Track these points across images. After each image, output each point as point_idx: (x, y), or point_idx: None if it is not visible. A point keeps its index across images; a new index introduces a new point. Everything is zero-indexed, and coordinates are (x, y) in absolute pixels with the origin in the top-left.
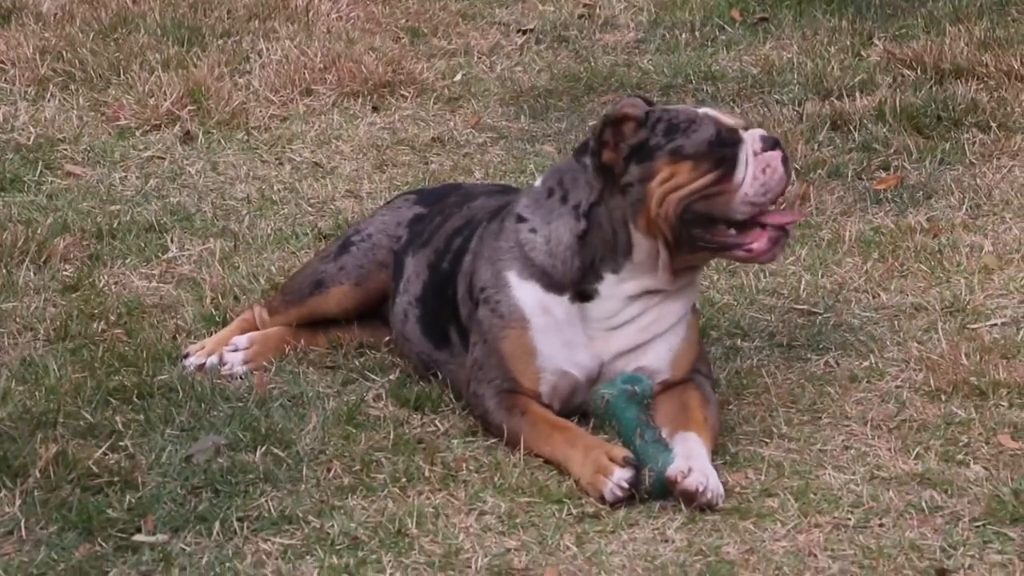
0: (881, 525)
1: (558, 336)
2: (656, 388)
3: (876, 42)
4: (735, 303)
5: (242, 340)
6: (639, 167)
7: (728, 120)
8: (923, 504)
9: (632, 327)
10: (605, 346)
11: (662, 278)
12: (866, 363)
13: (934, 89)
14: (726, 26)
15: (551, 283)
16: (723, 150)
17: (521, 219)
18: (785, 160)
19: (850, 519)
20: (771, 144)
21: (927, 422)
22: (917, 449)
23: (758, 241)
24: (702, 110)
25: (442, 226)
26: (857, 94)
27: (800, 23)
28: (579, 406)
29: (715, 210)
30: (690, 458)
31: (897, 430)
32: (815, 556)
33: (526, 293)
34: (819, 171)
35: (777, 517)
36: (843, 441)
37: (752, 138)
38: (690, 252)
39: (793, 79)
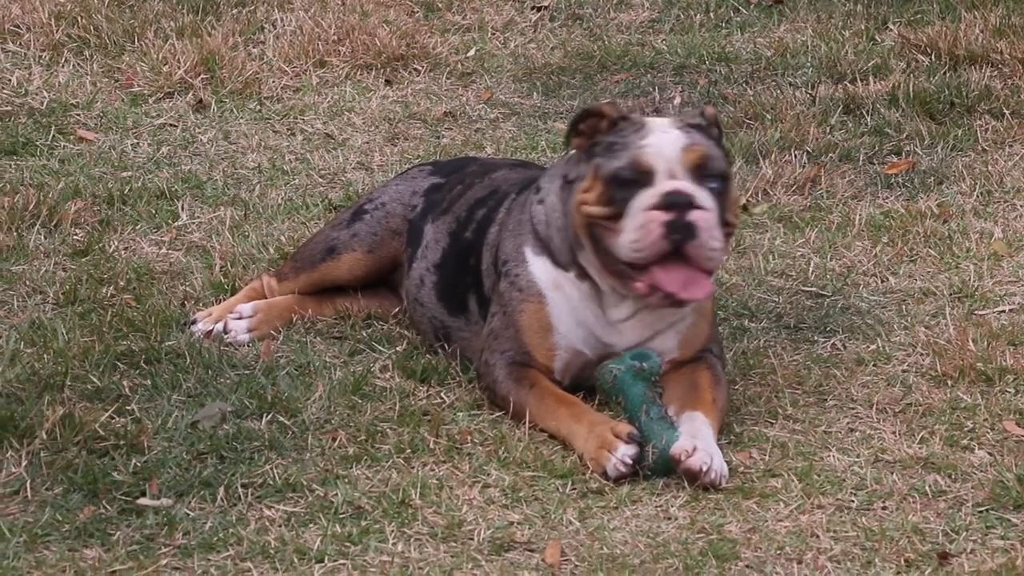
0: (884, 508)
1: (572, 315)
2: (665, 367)
3: (891, 27)
4: (743, 283)
5: (247, 308)
6: (586, 166)
7: (648, 161)
8: (927, 488)
9: (638, 322)
10: (618, 336)
11: (603, 281)
12: (873, 347)
13: (948, 75)
14: (741, 7)
15: (554, 258)
16: (620, 190)
17: (537, 190)
18: (669, 224)
19: (853, 501)
20: (668, 204)
21: (933, 407)
22: (922, 433)
23: (642, 285)
24: (649, 141)
25: (463, 195)
26: (870, 78)
27: (815, 6)
28: (586, 380)
29: (606, 242)
30: (695, 437)
31: (902, 414)
32: (817, 537)
33: (539, 268)
34: (831, 154)
35: (780, 497)
36: (848, 424)
37: (657, 191)
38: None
39: (807, 62)
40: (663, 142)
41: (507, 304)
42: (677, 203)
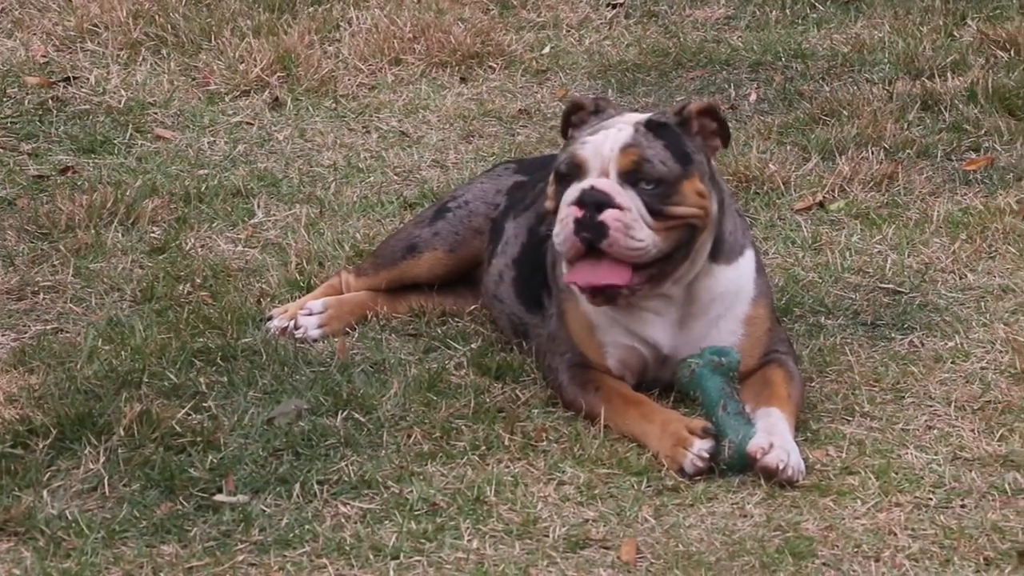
0: (963, 506)
1: (607, 311)
2: None
3: (969, 22)
4: (820, 280)
5: (316, 304)
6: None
7: (583, 156)
8: (1006, 486)
9: (670, 313)
10: (654, 329)
11: None
12: (951, 343)
13: None
14: (817, 4)
15: None
16: (560, 184)
17: None
18: (578, 222)
19: (931, 499)
20: (578, 200)
21: (1012, 404)
22: (1001, 431)
23: (568, 278)
24: (592, 138)
25: (544, 191)
26: (949, 74)
27: (892, 2)
28: (655, 381)
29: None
30: (772, 434)
31: (981, 411)
32: (895, 535)
33: None
34: (908, 151)
35: (857, 495)
36: (926, 421)
37: (578, 187)
38: None
39: (884, 58)
40: (603, 140)
41: (559, 305)
42: (591, 201)
